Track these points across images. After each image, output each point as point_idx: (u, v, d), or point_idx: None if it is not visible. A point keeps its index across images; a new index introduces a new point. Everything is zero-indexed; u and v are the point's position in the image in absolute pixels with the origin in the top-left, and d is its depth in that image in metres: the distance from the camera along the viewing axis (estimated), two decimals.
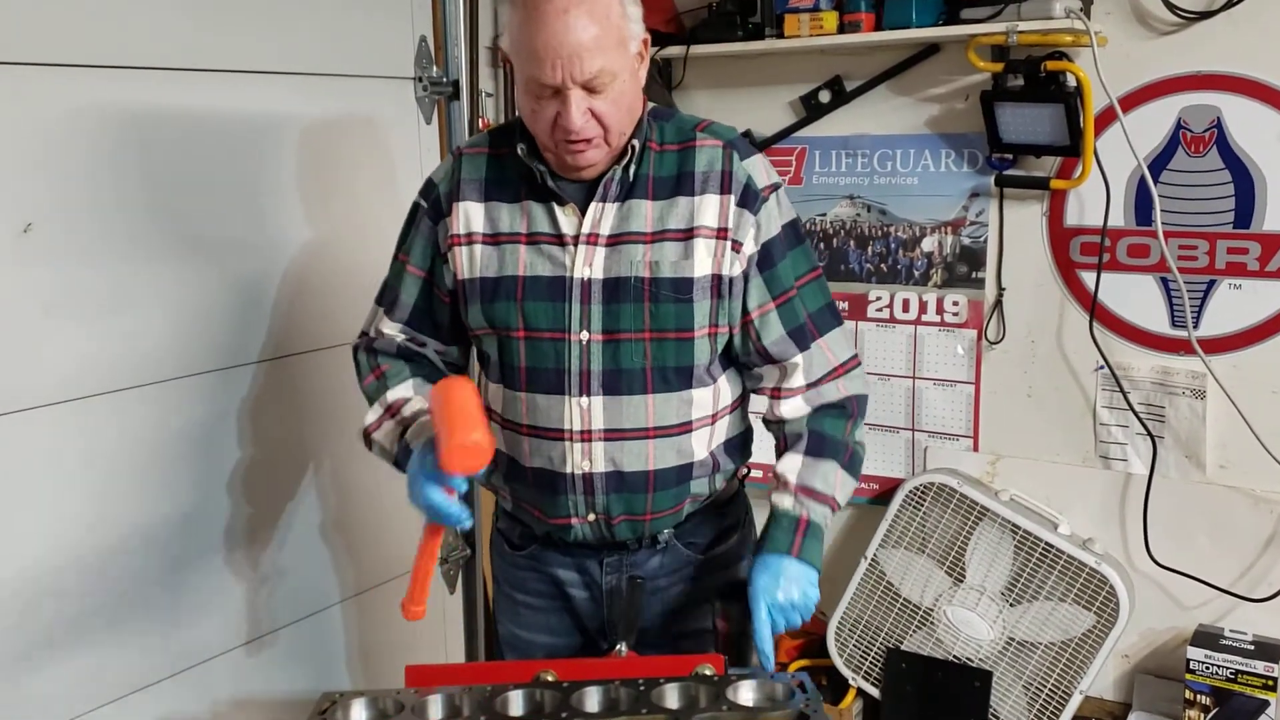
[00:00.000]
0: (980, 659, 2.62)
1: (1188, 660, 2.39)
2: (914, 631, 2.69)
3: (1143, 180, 2.40)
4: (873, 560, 2.72)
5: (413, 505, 1.52)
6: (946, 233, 2.69)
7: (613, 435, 1.58)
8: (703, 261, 1.55)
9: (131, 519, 2.11)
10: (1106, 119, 2.41)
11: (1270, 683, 2.32)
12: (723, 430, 1.67)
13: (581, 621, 1.75)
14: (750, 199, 1.57)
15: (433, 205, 1.65)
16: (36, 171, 1.90)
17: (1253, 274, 2.37)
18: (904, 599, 2.69)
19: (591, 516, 1.63)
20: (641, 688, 1.44)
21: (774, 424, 1.69)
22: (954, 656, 2.64)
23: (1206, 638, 2.41)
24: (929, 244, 2.71)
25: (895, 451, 2.84)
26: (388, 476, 2.58)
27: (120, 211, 2.03)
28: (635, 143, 1.55)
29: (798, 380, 1.64)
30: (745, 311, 1.61)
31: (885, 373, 2.83)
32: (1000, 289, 2.63)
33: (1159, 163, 2.41)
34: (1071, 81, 2.37)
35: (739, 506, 1.79)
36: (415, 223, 1.68)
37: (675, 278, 1.55)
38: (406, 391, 1.66)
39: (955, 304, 2.71)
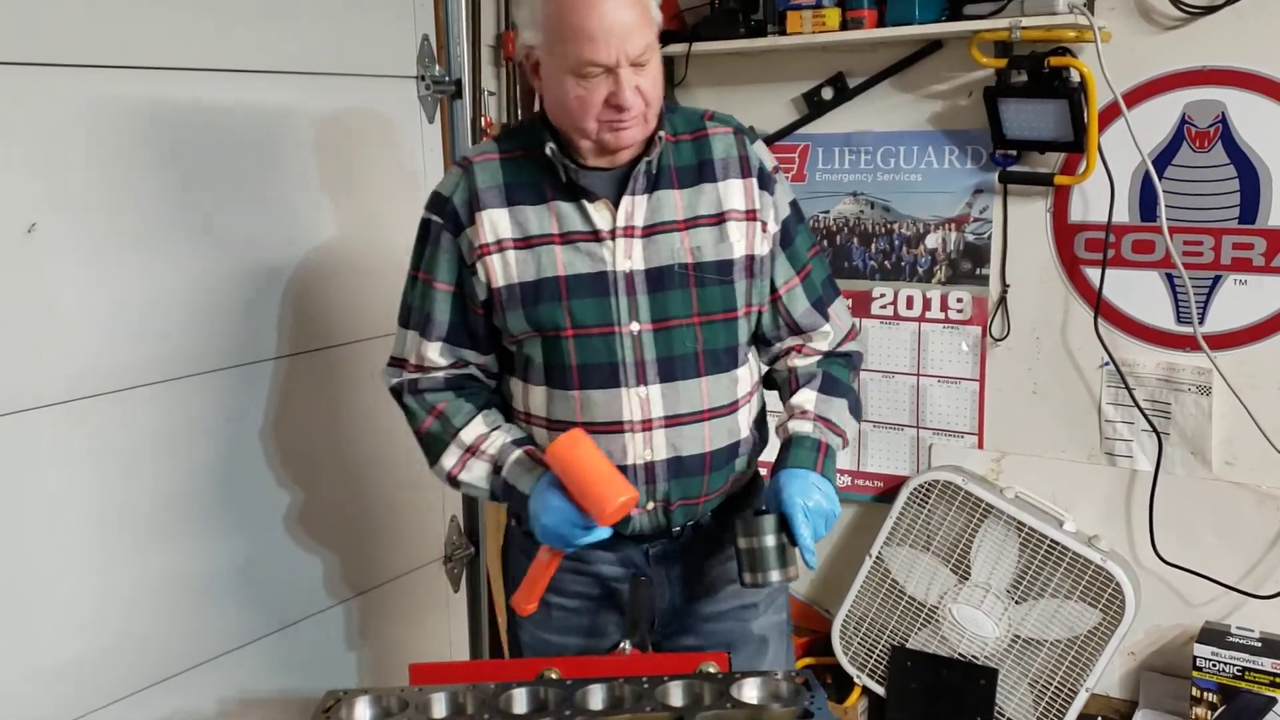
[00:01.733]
0: (986, 657, 2.61)
1: (1194, 657, 2.38)
2: (919, 629, 2.68)
3: (1147, 176, 2.39)
4: (877, 558, 2.72)
5: (541, 539, 1.58)
6: (950, 229, 2.68)
7: (672, 421, 1.62)
8: (738, 243, 1.62)
9: (138, 517, 2.11)
10: (1111, 114, 2.40)
11: (1278, 679, 2.31)
12: (755, 406, 1.75)
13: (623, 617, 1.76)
14: (766, 180, 1.66)
15: (449, 218, 1.64)
16: (46, 170, 1.90)
17: (1258, 269, 2.36)
18: (909, 597, 2.69)
19: (651, 505, 1.66)
20: (646, 685, 1.44)
21: (782, 371, 1.78)
22: (959, 654, 2.64)
23: (1213, 635, 2.40)
24: (933, 241, 2.71)
25: (899, 449, 2.83)
26: (393, 477, 2.61)
27: (122, 209, 2.03)
28: (662, 134, 1.59)
29: (821, 346, 1.76)
30: (773, 289, 1.70)
31: (889, 370, 2.82)
32: (1004, 285, 2.62)
33: (1163, 158, 2.41)
34: (1075, 77, 2.36)
35: (760, 485, 1.84)
36: (432, 239, 1.67)
37: (718, 260, 1.61)
38: (480, 428, 1.67)
39: (959, 301, 2.70)
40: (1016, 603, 2.57)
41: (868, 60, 2.69)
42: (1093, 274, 2.52)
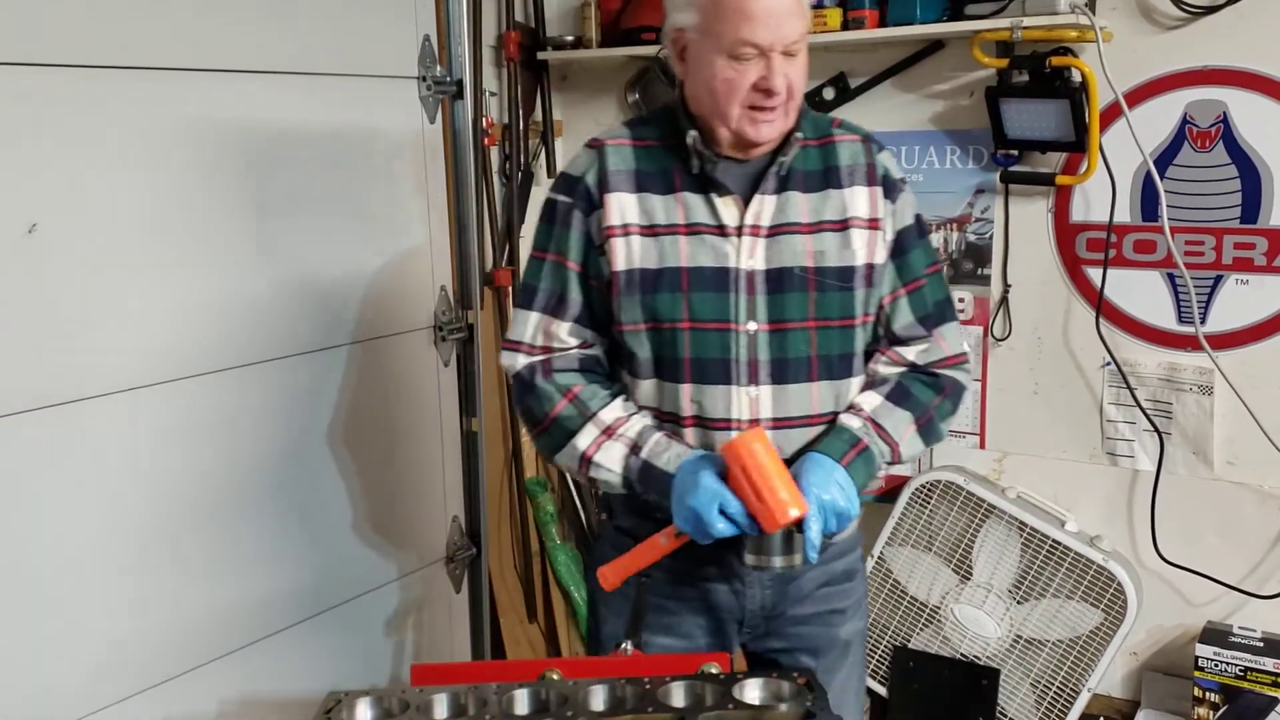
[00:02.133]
0: (988, 657, 2.61)
1: (1196, 657, 2.38)
2: (921, 629, 2.68)
3: (1149, 176, 2.39)
4: (879, 558, 2.72)
5: (677, 520, 1.54)
6: (952, 229, 2.68)
7: (780, 423, 1.61)
8: (860, 251, 1.62)
9: (138, 517, 2.11)
10: (1112, 114, 2.40)
11: (1279, 679, 2.31)
12: None
13: (716, 619, 1.74)
14: (891, 189, 1.65)
15: (582, 198, 1.64)
16: (45, 171, 1.91)
17: (1260, 269, 2.36)
18: (911, 597, 2.69)
19: None
20: (647, 686, 1.44)
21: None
22: (961, 654, 2.63)
23: (1215, 635, 2.40)
24: (934, 240, 2.70)
25: None
26: (395, 478, 2.61)
27: (126, 210, 2.04)
28: (799, 135, 1.59)
29: (910, 357, 1.71)
30: (879, 299, 1.68)
31: None
32: (1006, 285, 2.62)
33: (1165, 158, 2.40)
34: (1077, 77, 2.36)
35: None
36: (561, 219, 1.66)
37: (840, 266, 1.61)
38: (618, 411, 1.64)
39: (961, 300, 2.69)
40: (1018, 603, 2.57)
41: (869, 60, 2.69)
42: (1094, 274, 2.52)
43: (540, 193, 3.08)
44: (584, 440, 1.63)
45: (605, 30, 2.90)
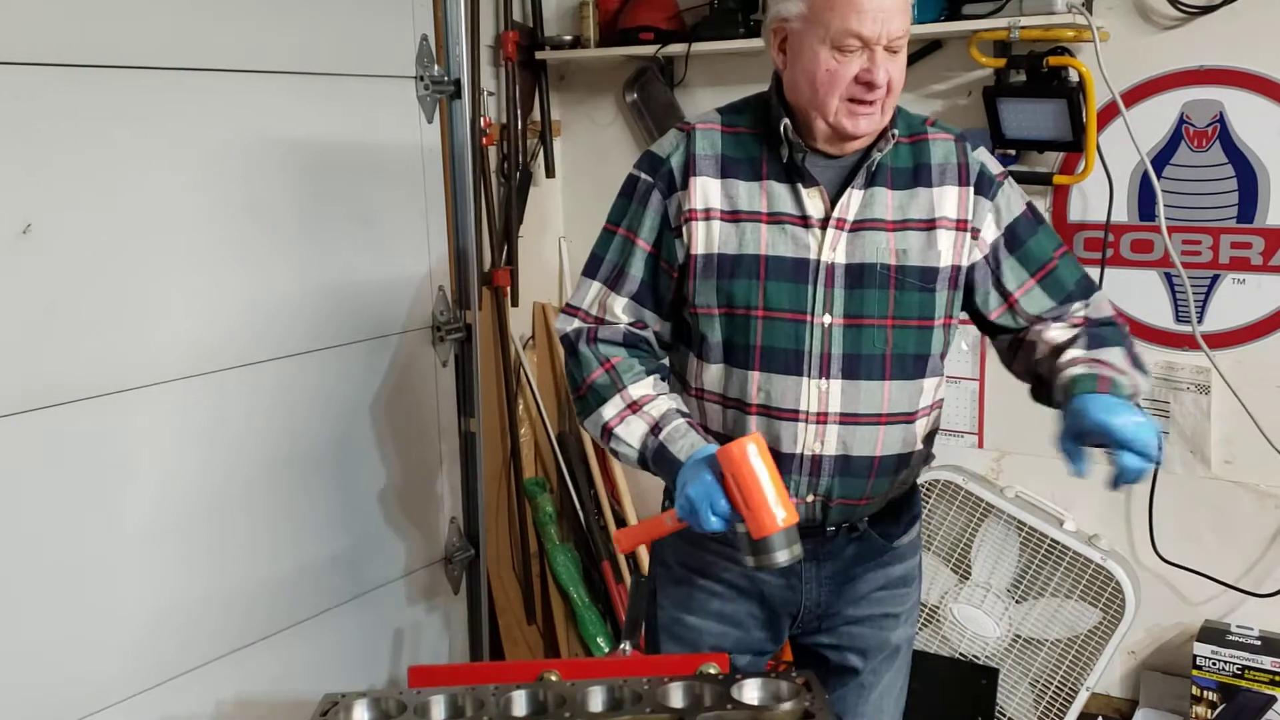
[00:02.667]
0: (986, 656, 2.61)
1: (1194, 656, 2.38)
2: (920, 629, 2.68)
3: (1146, 175, 2.39)
4: None
5: (676, 507, 1.52)
6: None
7: (848, 419, 1.61)
8: (946, 252, 1.60)
9: (131, 519, 2.11)
10: (1109, 114, 2.40)
11: (1277, 678, 2.31)
12: (934, 420, 1.73)
13: (770, 610, 1.74)
14: (986, 185, 1.63)
15: (664, 179, 1.64)
16: (42, 171, 1.91)
17: (1256, 268, 2.36)
18: None
19: (811, 498, 1.64)
20: (646, 686, 1.44)
21: (1029, 345, 1.68)
22: (960, 654, 2.63)
23: (1213, 633, 2.40)
24: None
25: None
26: (394, 479, 2.61)
27: (122, 211, 2.03)
28: (894, 131, 1.59)
29: (1079, 312, 1.67)
30: (1006, 295, 1.66)
31: None
32: None
33: (1162, 157, 2.40)
34: (1074, 77, 2.36)
35: (918, 499, 1.82)
36: (639, 196, 1.66)
37: (922, 266, 1.59)
38: (647, 389, 1.64)
39: None
40: (1017, 602, 2.57)
41: None
42: (1092, 273, 2.51)
43: (538, 192, 3.08)
44: (609, 411, 1.63)
45: (603, 30, 2.90)
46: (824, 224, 1.58)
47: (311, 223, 2.38)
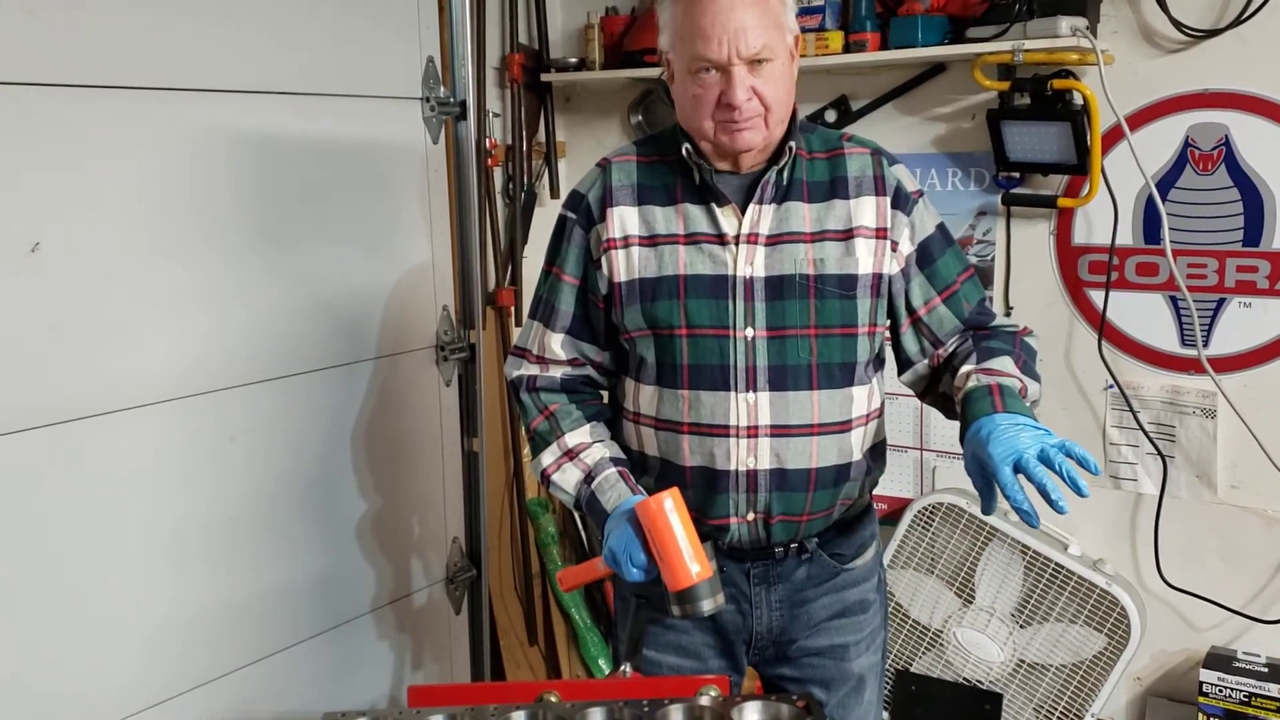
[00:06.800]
0: (991, 681, 2.59)
1: (1200, 683, 2.36)
2: (924, 653, 2.67)
3: (1151, 198, 2.39)
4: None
5: (606, 562, 1.59)
6: None
7: (779, 431, 1.62)
8: (865, 260, 1.62)
9: (132, 539, 2.11)
10: (1114, 137, 2.40)
11: None
12: (873, 433, 1.73)
13: (724, 639, 1.74)
14: (902, 201, 1.65)
15: (583, 214, 1.69)
16: (47, 190, 1.92)
17: (1263, 292, 2.36)
18: (913, 620, 2.67)
19: (751, 516, 1.65)
20: (646, 708, 1.43)
21: (932, 369, 1.72)
22: (964, 679, 2.62)
23: (1219, 660, 2.38)
24: None
25: (904, 471, 2.82)
26: (396, 499, 2.61)
27: (128, 231, 2.04)
28: (793, 144, 1.61)
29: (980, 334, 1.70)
30: (911, 310, 1.69)
31: (892, 392, 2.80)
32: (1008, 308, 2.62)
33: (1167, 181, 2.41)
34: (1078, 100, 2.36)
35: (872, 520, 1.82)
36: (565, 235, 1.72)
37: (840, 274, 1.61)
38: (584, 436, 1.70)
39: None
40: (1021, 626, 2.55)
41: (871, 83, 2.70)
42: (1096, 296, 2.52)
43: (543, 213, 3.09)
44: (548, 458, 1.70)
45: (608, 52, 2.92)
46: (739, 240, 1.61)
47: (316, 242, 2.38)
